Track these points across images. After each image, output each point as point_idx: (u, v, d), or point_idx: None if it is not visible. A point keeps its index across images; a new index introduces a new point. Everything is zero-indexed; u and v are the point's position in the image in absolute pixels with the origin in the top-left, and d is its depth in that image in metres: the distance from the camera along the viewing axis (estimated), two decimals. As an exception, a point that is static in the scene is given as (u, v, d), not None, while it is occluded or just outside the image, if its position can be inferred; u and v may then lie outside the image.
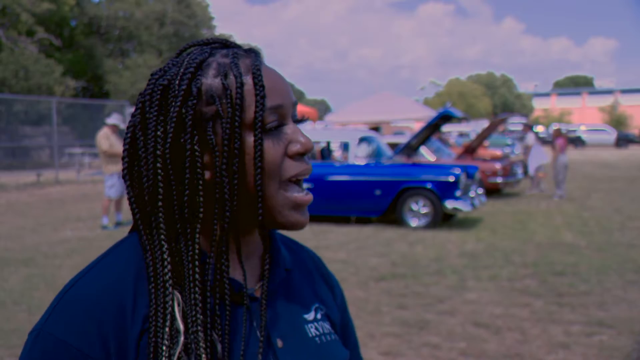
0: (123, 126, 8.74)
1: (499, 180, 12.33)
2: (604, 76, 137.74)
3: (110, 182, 8.62)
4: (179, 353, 0.69)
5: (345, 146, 9.65)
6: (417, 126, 19.96)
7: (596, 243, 7.38)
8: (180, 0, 35.51)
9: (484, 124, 27.03)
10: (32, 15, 26.62)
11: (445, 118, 11.21)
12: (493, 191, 12.44)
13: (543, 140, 28.86)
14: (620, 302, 4.85)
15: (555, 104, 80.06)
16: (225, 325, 0.73)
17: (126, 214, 8.81)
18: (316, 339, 0.82)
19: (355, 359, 0.97)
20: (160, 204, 0.71)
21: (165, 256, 0.71)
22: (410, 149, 11.23)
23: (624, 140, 41.59)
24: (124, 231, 0.80)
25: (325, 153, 10.11)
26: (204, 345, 0.70)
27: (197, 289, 0.71)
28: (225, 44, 0.79)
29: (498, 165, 12.45)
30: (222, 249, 0.73)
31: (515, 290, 5.26)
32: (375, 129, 17.21)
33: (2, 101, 20.34)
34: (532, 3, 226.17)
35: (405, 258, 6.63)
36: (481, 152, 15.81)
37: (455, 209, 8.59)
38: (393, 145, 11.99)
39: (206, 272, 0.72)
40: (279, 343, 0.77)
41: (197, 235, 0.72)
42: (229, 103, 0.72)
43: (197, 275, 0.71)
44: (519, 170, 13.49)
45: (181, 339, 0.69)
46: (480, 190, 9.69)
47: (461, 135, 28.07)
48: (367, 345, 3.89)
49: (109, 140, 8.55)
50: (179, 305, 0.70)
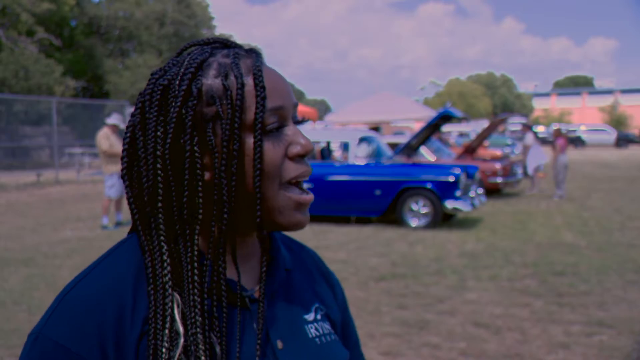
0: (123, 126, 8.74)
1: (499, 180, 12.33)
2: (604, 76, 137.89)
3: (110, 182, 8.62)
4: (179, 355, 0.68)
5: (345, 146, 9.65)
6: (417, 126, 19.97)
7: (596, 243, 7.38)
8: (180, 0, 35.51)
9: (484, 124, 27.04)
10: (32, 15, 26.62)
11: (445, 118, 11.21)
12: (493, 191, 12.45)
13: (544, 140, 28.92)
14: (620, 302, 4.85)
15: (555, 104, 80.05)
16: (224, 327, 0.72)
17: (126, 214, 8.80)
18: (316, 339, 0.82)
19: (356, 357, 0.97)
20: (159, 204, 0.71)
21: (164, 257, 0.71)
22: (410, 149, 11.22)
23: (624, 140, 41.61)
24: (124, 231, 0.79)
25: (325, 153, 10.11)
26: (203, 348, 0.69)
27: (196, 290, 0.70)
28: (226, 44, 0.78)
29: (498, 165, 12.45)
30: (220, 250, 0.72)
31: (515, 290, 5.26)
32: (375, 129, 17.20)
33: (2, 101, 20.34)
34: (532, 3, 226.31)
35: (405, 258, 6.63)
36: (481, 152, 15.81)
37: (455, 209, 8.59)
38: (393, 145, 11.99)
39: (204, 274, 0.72)
40: (279, 344, 0.77)
41: (197, 237, 0.71)
42: (229, 104, 0.71)
43: (196, 277, 0.71)
44: (519, 170, 13.50)
45: (181, 341, 0.69)
46: (480, 190, 9.69)
47: (461, 135, 28.07)
48: (367, 345, 3.89)
49: (109, 140, 8.55)
50: (178, 307, 0.70)
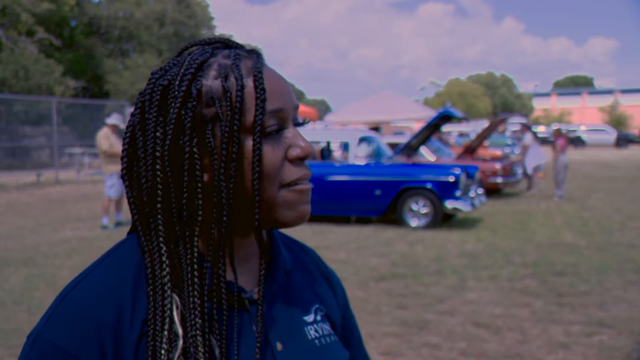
0: (123, 126, 8.74)
1: (499, 180, 12.33)
2: (604, 76, 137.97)
3: (110, 182, 8.62)
4: (178, 357, 0.68)
5: (345, 146, 9.65)
6: (417, 126, 19.96)
7: (596, 243, 7.38)
8: (180, 0, 35.51)
9: (484, 124, 27.04)
10: (32, 15, 26.62)
11: (445, 118, 11.21)
12: (493, 191, 12.45)
13: (545, 140, 28.92)
14: (620, 302, 4.85)
15: (555, 104, 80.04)
16: (223, 329, 0.72)
17: (126, 214, 8.80)
18: (315, 341, 0.82)
19: (359, 353, 0.96)
20: (158, 205, 0.70)
21: (163, 259, 0.70)
22: (410, 149, 11.22)
23: (624, 140, 41.63)
24: (124, 231, 0.79)
25: (325, 153, 10.11)
26: (203, 350, 0.69)
27: (196, 292, 0.70)
28: (227, 44, 0.77)
29: (498, 165, 12.45)
30: (220, 252, 0.72)
31: (515, 290, 5.26)
32: (375, 129, 17.20)
33: (2, 101, 20.34)
34: (532, 3, 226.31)
35: (405, 258, 6.63)
36: (481, 152, 15.81)
37: (455, 209, 8.59)
38: (393, 145, 11.98)
39: (204, 276, 0.71)
40: (279, 346, 0.77)
41: (196, 238, 0.71)
42: (229, 106, 0.70)
43: (196, 279, 0.70)
44: (519, 170, 13.50)
45: (180, 342, 0.68)
46: (480, 190, 9.69)
47: (461, 135, 28.06)
48: (367, 345, 3.88)
49: (109, 140, 8.55)
50: (177, 308, 0.70)
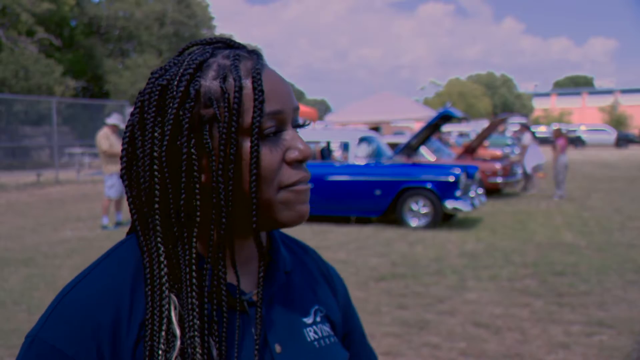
0: (123, 126, 8.73)
1: (499, 180, 12.33)
2: (604, 76, 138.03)
3: (110, 182, 8.63)
4: (175, 358, 0.68)
5: (345, 146, 9.64)
6: (417, 126, 19.96)
7: (596, 243, 7.37)
8: (180, 0, 35.51)
9: (484, 124, 27.03)
10: (32, 15, 26.62)
11: (445, 118, 11.21)
12: (493, 191, 12.45)
13: (545, 140, 28.91)
14: (620, 302, 4.85)
15: (555, 104, 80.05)
16: (223, 330, 0.71)
17: (126, 214, 8.80)
18: (315, 342, 0.81)
19: (362, 348, 0.96)
20: (156, 206, 0.70)
21: (161, 259, 0.70)
22: (410, 149, 11.22)
23: (624, 140, 41.63)
24: (124, 231, 0.79)
25: (325, 153, 10.11)
26: (201, 351, 0.68)
27: (194, 293, 0.70)
28: (228, 44, 0.77)
29: (498, 165, 12.45)
30: (219, 254, 0.72)
31: (515, 290, 5.25)
32: (375, 129, 17.20)
33: (2, 101, 20.34)
34: (532, 3, 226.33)
35: (405, 258, 6.63)
36: (481, 152, 15.81)
37: (455, 209, 8.59)
38: (393, 145, 11.99)
39: (203, 277, 0.71)
40: (278, 348, 0.76)
41: (194, 239, 0.71)
42: (227, 107, 0.70)
43: (194, 280, 0.70)
44: (519, 170, 13.50)
45: (177, 343, 0.68)
46: (480, 190, 9.69)
47: (461, 135, 28.06)
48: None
49: (109, 140, 8.55)
50: (175, 308, 0.69)
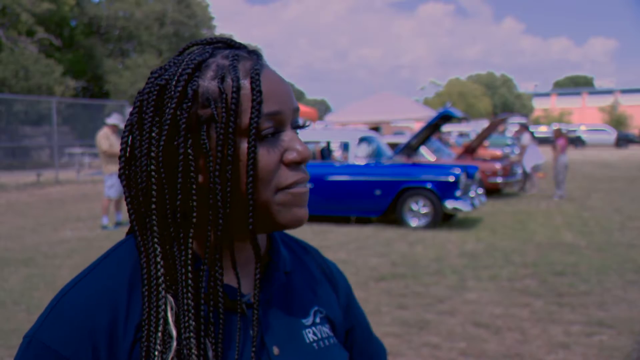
0: (123, 126, 8.73)
1: (499, 180, 12.33)
2: (604, 76, 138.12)
3: (110, 182, 8.63)
4: (172, 359, 0.68)
5: (345, 146, 9.64)
6: (417, 126, 19.97)
7: (596, 243, 7.37)
8: (180, 0, 35.52)
9: (484, 124, 27.03)
10: (32, 15, 26.63)
11: (445, 118, 11.21)
12: (493, 191, 12.45)
13: (546, 140, 28.90)
14: (620, 302, 4.85)
15: (555, 104, 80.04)
16: (219, 332, 0.71)
17: (126, 214, 8.77)
18: (314, 344, 0.81)
19: (367, 339, 0.96)
20: (153, 206, 0.70)
21: (158, 259, 0.70)
22: (410, 149, 11.22)
23: (624, 140, 41.63)
24: (124, 231, 0.79)
25: (325, 153, 10.11)
26: (196, 353, 0.68)
27: (190, 294, 0.69)
28: (229, 44, 0.76)
29: (498, 165, 12.45)
30: (216, 256, 0.71)
31: (515, 290, 5.25)
32: (375, 129, 17.20)
33: (2, 101, 20.34)
34: (532, 3, 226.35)
35: (405, 258, 6.63)
36: (481, 152, 15.81)
37: (455, 209, 8.59)
38: (393, 145, 11.99)
39: (200, 278, 0.71)
40: (276, 350, 0.76)
41: (190, 240, 0.70)
42: (224, 107, 0.69)
43: (190, 281, 0.70)
44: (519, 170, 13.50)
45: (174, 344, 0.68)
46: (480, 190, 9.69)
47: (461, 135, 28.05)
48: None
49: (108, 140, 8.55)
50: (172, 309, 0.69)
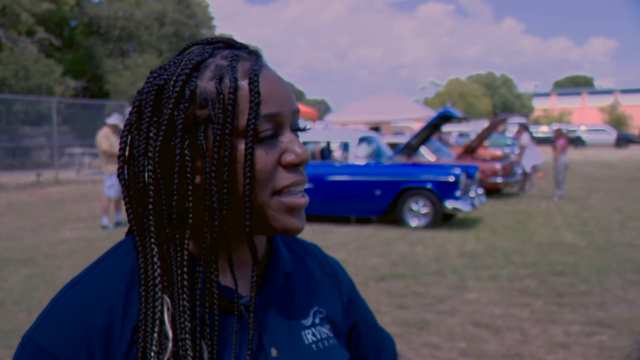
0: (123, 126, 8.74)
1: (499, 180, 12.33)
2: (604, 76, 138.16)
3: (110, 182, 8.63)
4: (168, 359, 0.67)
5: (345, 146, 9.64)
6: (417, 126, 19.96)
7: (596, 243, 7.37)
8: (180, 0, 35.52)
9: (484, 124, 27.03)
10: (32, 15, 26.63)
11: (445, 118, 11.21)
12: (493, 191, 12.45)
13: (547, 140, 28.89)
14: (620, 302, 4.85)
15: (555, 104, 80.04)
16: (215, 334, 0.70)
17: (125, 214, 8.80)
18: (313, 345, 0.80)
19: (374, 334, 0.96)
20: (150, 206, 0.70)
21: (155, 259, 0.69)
22: (410, 149, 11.22)
23: (624, 140, 41.62)
24: (124, 231, 0.79)
25: (325, 153, 10.11)
26: (192, 354, 0.68)
27: (186, 295, 0.69)
28: (229, 44, 0.76)
29: (498, 165, 12.45)
30: (212, 257, 0.71)
31: (515, 290, 5.25)
32: (375, 129, 17.19)
33: (2, 101, 20.34)
34: (532, 3, 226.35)
35: (405, 258, 6.63)
36: (481, 152, 15.81)
37: (455, 209, 8.59)
38: (393, 145, 11.98)
39: (196, 279, 0.70)
40: (274, 352, 0.75)
41: (187, 241, 0.70)
42: (222, 108, 0.69)
43: (186, 282, 0.69)
44: (519, 170, 13.50)
45: (169, 345, 0.68)
46: (480, 190, 9.69)
47: (461, 135, 28.04)
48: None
49: (108, 140, 8.55)
50: (168, 310, 0.69)
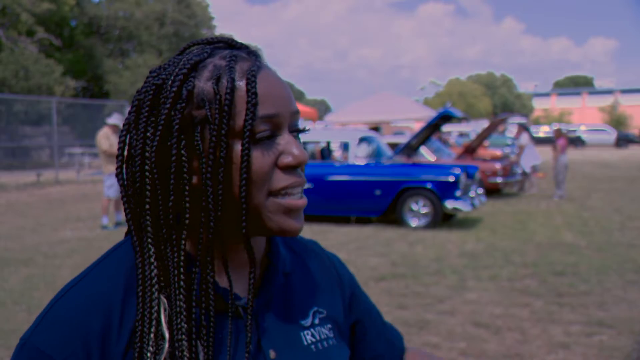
0: (123, 126, 8.74)
1: (499, 180, 12.33)
2: (604, 76, 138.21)
3: (110, 182, 8.63)
4: None
5: (345, 146, 9.64)
6: (417, 126, 19.96)
7: (596, 243, 7.37)
8: (180, 0, 35.52)
9: (484, 124, 27.02)
10: (32, 15, 26.64)
11: (445, 118, 11.20)
12: (493, 191, 12.45)
13: (547, 140, 28.89)
14: (620, 302, 4.84)
15: (555, 104, 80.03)
16: (211, 335, 0.70)
17: (126, 214, 8.80)
18: (312, 346, 0.80)
19: (380, 329, 0.96)
20: (147, 207, 0.69)
21: (152, 260, 0.69)
22: (410, 149, 11.21)
23: (624, 140, 41.62)
24: (124, 231, 0.79)
25: (325, 153, 10.11)
26: (188, 355, 0.68)
27: (182, 296, 0.69)
28: (229, 44, 0.75)
29: (498, 165, 12.45)
30: (208, 258, 0.70)
31: (515, 290, 5.25)
32: (375, 129, 17.19)
33: (2, 101, 20.35)
34: (532, 3, 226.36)
35: (405, 258, 6.63)
36: (481, 152, 15.81)
37: (455, 209, 8.59)
38: (393, 145, 11.98)
39: (192, 280, 0.70)
40: (272, 354, 0.75)
41: (183, 242, 0.70)
42: (218, 108, 0.68)
43: (182, 283, 0.69)
44: (519, 171, 13.50)
45: (166, 346, 0.68)
46: (480, 190, 9.69)
47: (461, 135, 28.04)
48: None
49: (109, 140, 8.55)
50: (165, 310, 0.69)
